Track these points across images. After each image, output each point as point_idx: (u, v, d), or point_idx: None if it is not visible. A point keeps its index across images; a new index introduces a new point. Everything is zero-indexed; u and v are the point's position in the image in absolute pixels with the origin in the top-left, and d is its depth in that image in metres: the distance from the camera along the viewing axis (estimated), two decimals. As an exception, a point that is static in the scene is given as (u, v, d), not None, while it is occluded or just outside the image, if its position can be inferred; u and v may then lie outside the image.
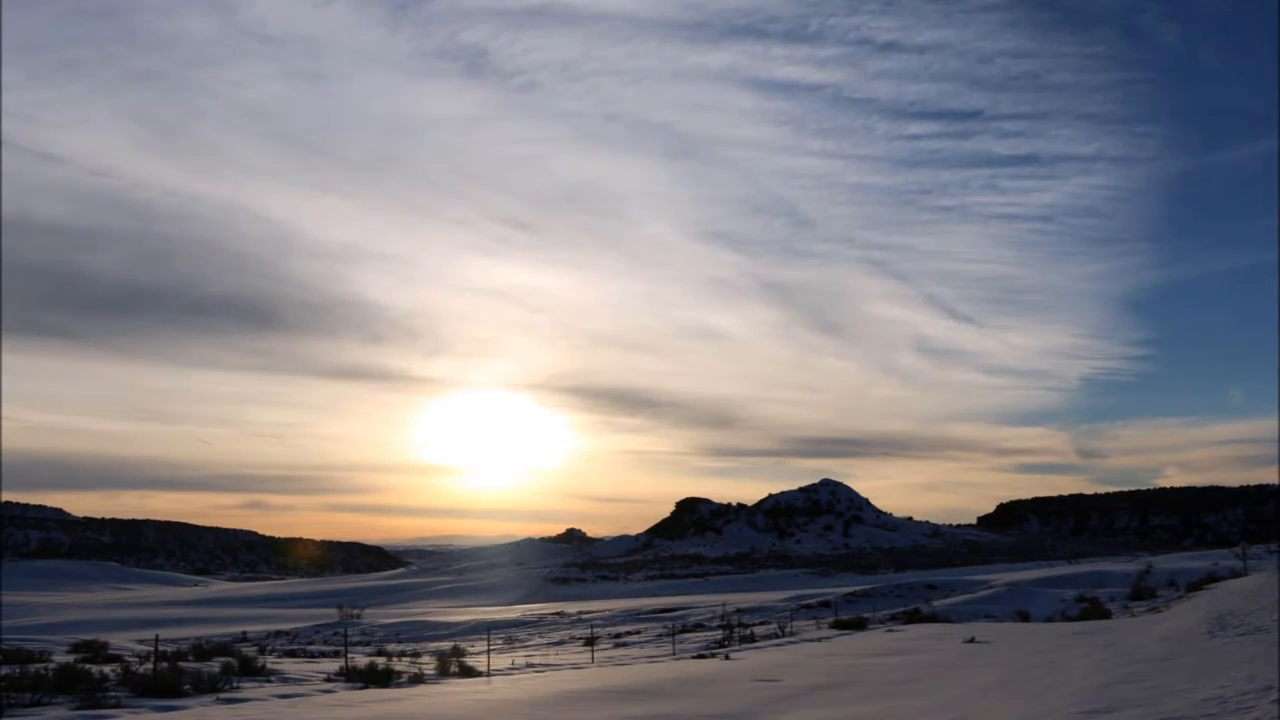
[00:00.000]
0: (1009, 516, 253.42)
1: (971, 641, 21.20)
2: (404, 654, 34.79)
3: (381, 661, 25.06)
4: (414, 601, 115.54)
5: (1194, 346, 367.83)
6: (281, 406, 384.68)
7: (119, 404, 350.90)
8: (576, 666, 25.07)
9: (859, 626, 33.92)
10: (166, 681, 16.04)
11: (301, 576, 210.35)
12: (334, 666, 23.07)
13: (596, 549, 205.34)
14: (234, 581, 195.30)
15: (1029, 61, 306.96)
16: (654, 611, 63.03)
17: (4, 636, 33.39)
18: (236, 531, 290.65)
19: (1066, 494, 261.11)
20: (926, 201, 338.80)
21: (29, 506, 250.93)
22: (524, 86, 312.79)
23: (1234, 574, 34.76)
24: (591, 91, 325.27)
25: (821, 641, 26.91)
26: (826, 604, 53.76)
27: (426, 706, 13.73)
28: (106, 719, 13.25)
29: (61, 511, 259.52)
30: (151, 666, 18.20)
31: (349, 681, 19.51)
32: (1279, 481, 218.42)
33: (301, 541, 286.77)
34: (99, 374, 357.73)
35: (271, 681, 19.00)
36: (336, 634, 55.55)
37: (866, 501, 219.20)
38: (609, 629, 49.98)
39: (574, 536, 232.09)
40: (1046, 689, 11.45)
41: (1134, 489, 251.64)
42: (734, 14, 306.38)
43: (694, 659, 23.52)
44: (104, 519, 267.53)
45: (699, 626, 46.86)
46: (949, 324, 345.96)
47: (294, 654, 35.52)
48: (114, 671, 17.87)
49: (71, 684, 15.71)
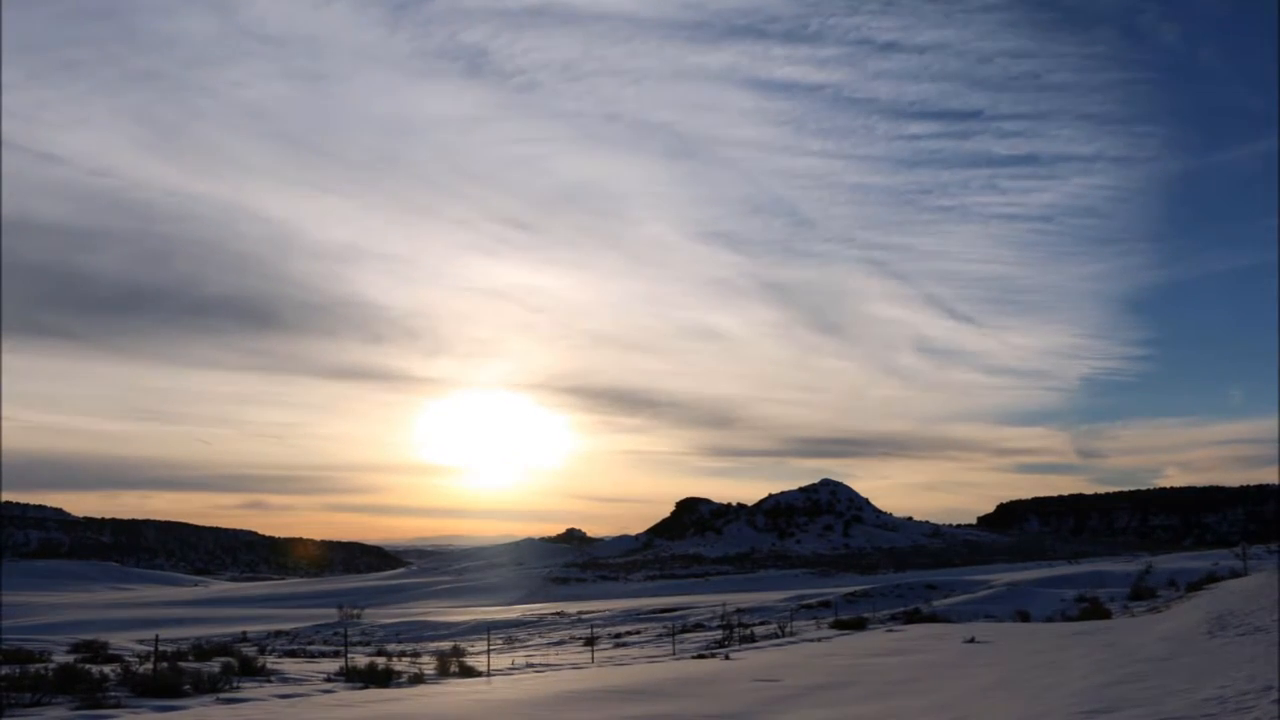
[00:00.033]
0: (1009, 516, 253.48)
1: (971, 641, 21.20)
2: (404, 654, 34.80)
3: (381, 661, 25.06)
4: (414, 601, 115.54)
5: (1194, 346, 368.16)
6: (281, 406, 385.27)
7: (119, 404, 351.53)
8: (576, 666, 25.07)
9: (859, 626, 33.93)
10: (166, 681, 16.04)
11: (301, 576, 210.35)
12: (334, 666, 23.08)
13: (596, 549, 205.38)
14: (234, 581, 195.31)
15: (1029, 61, 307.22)
16: (654, 611, 63.03)
17: (4, 636, 33.38)
18: (236, 531, 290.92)
19: (1066, 494, 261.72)
20: (926, 201, 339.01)
21: (29, 506, 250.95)
22: (524, 86, 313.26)
23: (1234, 574, 34.76)
24: (591, 91, 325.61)
25: (821, 641, 26.91)
26: (826, 604, 53.77)
27: (426, 706, 13.73)
28: (106, 719, 13.25)
29: (61, 511, 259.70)
30: (151, 666, 18.20)
31: (349, 681, 19.52)
32: (1279, 481, 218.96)
33: (301, 541, 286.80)
34: (99, 374, 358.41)
35: (271, 681, 19.00)
36: (336, 634, 55.56)
37: (866, 501, 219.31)
38: (609, 629, 49.98)
39: (574, 536, 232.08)
40: (1046, 689, 11.45)
41: (1134, 489, 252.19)
42: (734, 14, 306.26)
43: (694, 659, 23.52)
44: (104, 519, 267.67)
45: (699, 626, 46.87)
46: (949, 324, 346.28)
47: (294, 654, 35.52)
48: (114, 671, 17.88)
49: (71, 684, 15.71)
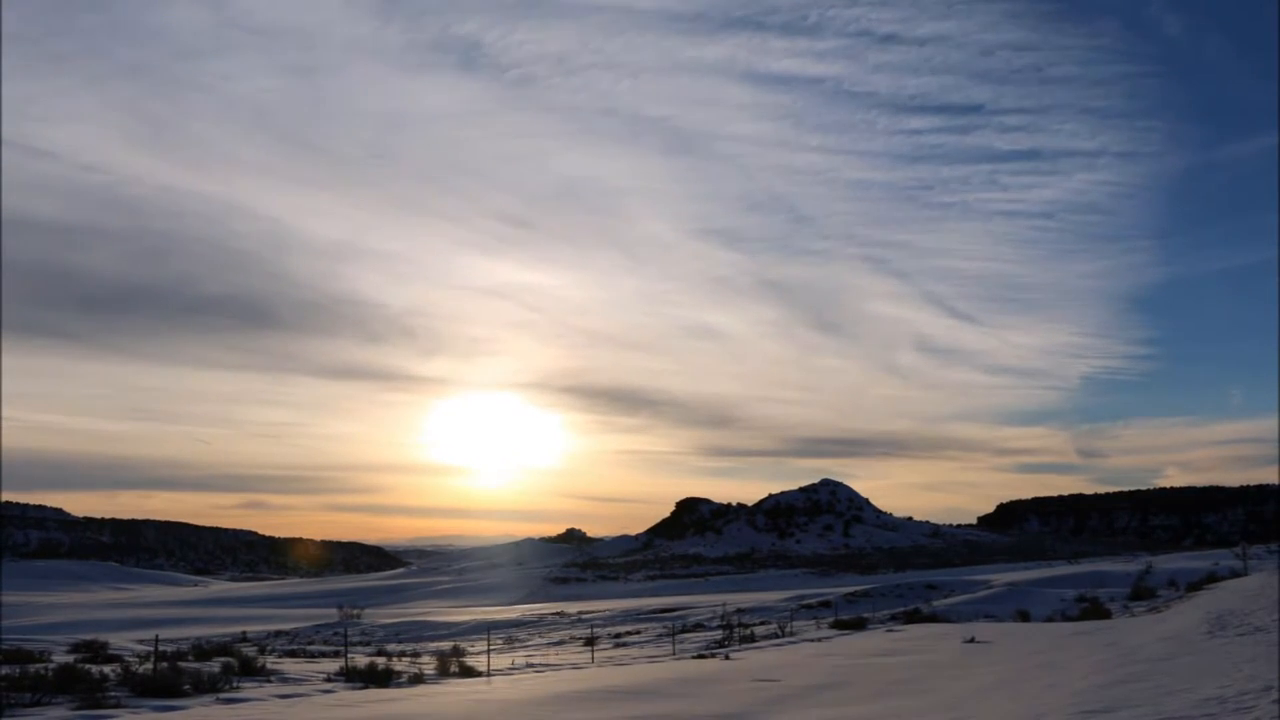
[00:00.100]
0: (1009, 516, 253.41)
1: (971, 641, 21.20)
2: (404, 654, 34.82)
3: (381, 661, 25.08)
4: (414, 601, 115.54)
5: (1195, 345, 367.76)
6: (279, 406, 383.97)
7: (117, 404, 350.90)
8: (576, 666, 25.07)
9: (859, 626, 33.94)
10: (166, 681, 16.04)
11: (301, 576, 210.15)
12: (334, 666, 23.08)
13: (596, 549, 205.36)
14: (234, 581, 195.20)
15: (1031, 54, 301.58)
16: (654, 611, 63.03)
17: (4, 636, 33.34)
18: (236, 531, 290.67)
19: (1066, 494, 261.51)
20: (927, 198, 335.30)
21: (29, 506, 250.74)
22: (519, 80, 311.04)
23: (1234, 574, 34.76)
24: (587, 85, 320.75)
25: (821, 641, 26.92)
26: (826, 604, 53.77)
27: (426, 706, 13.73)
28: (106, 719, 13.26)
29: (61, 511, 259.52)
30: (151, 666, 18.20)
31: (349, 681, 19.52)
32: (1279, 481, 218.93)
33: (301, 541, 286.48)
34: (97, 373, 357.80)
35: (271, 681, 19.00)
36: (336, 634, 55.58)
37: (866, 501, 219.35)
38: (609, 629, 49.98)
39: (574, 536, 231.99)
40: (1046, 689, 11.44)
41: (1134, 489, 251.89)
42: (732, 5, 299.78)
43: (694, 659, 23.53)
44: (104, 519, 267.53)
45: (699, 626, 46.86)
46: (949, 322, 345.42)
47: (294, 654, 35.51)
48: (114, 671, 17.88)
49: (71, 684, 15.72)
